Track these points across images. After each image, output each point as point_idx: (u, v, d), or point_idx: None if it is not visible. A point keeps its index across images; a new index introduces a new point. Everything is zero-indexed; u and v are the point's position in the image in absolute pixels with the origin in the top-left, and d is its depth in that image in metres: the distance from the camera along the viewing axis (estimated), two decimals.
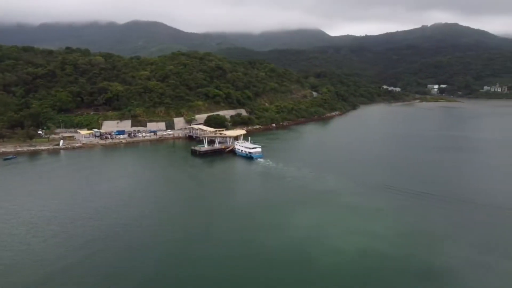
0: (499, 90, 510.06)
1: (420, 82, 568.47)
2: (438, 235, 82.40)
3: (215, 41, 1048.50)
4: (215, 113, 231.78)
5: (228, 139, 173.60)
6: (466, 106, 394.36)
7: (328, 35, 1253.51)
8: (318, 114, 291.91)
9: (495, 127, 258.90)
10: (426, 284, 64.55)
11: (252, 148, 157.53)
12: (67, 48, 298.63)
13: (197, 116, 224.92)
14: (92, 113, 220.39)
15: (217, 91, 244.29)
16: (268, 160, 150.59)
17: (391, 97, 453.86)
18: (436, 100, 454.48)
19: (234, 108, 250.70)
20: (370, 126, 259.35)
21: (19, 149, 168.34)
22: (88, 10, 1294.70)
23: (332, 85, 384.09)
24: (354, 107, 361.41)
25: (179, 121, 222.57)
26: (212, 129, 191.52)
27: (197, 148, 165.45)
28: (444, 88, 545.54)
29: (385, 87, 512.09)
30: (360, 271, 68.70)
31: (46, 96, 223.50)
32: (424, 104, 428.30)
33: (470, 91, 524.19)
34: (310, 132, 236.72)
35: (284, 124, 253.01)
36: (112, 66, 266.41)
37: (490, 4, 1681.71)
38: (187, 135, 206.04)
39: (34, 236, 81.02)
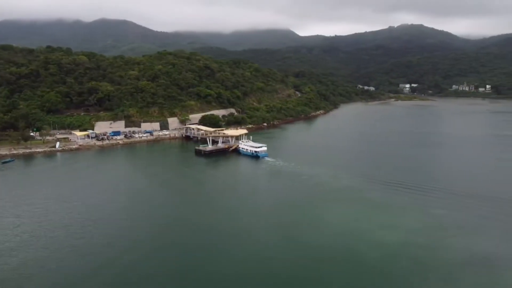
0: (467, 89, 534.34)
1: (392, 81, 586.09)
2: (469, 226, 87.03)
3: (186, 40, 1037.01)
4: (208, 113, 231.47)
5: (230, 138, 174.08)
6: (440, 105, 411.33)
7: (297, 35, 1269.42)
8: (305, 113, 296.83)
9: (477, 123, 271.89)
10: (476, 270, 68.45)
11: (258, 147, 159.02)
12: (48, 46, 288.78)
13: (190, 116, 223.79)
14: (82, 113, 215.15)
15: (208, 90, 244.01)
16: (275, 159, 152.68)
17: (368, 96, 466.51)
18: (410, 99, 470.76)
19: (225, 107, 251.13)
20: (358, 124, 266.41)
21: (14, 152, 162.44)
22: (52, 7, 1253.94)
23: (312, 85, 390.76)
24: (335, 106, 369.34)
25: (173, 121, 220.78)
26: (211, 129, 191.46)
27: (202, 148, 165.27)
28: (415, 87, 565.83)
29: (360, 86, 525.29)
30: (408, 262, 71.80)
31: (32, 97, 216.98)
32: (400, 102, 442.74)
33: (440, 90, 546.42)
34: (302, 131, 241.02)
35: (275, 123, 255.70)
36: (96, 66, 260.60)
37: (452, 7, 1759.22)
38: (183, 135, 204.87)
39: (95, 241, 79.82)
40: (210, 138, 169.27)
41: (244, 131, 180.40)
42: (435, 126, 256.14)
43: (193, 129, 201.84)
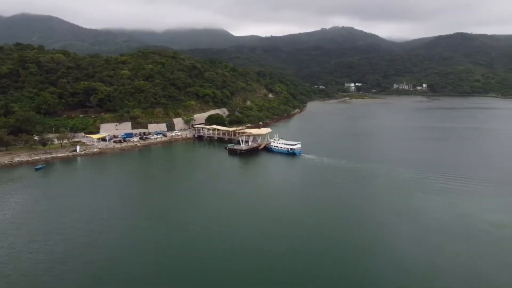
0: (406, 87, 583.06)
1: (338, 81, 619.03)
2: None
3: (119, 38, 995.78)
4: (209, 113, 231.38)
5: (258, 137, 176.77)
6: (393, 102, 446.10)
7: (232, 35, 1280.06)
8: (287, 112, 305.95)
9: (454, 118, 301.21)
10: None
11: (293, 144, 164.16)
12: (18, 44, 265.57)
13: (193, 116, 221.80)
14: (81, 115, 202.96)
15: (206, 90, 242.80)
16: (310, 155, 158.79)
17: (325, 95, 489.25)
18: (362, 97, 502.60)
19: (219, 107, 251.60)
20: (349, 121, 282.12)
21: (36, 158, 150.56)
22: None
23: (279, 84, 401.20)
24: (304, 104, 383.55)
25: (178, 122, 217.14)
26: (230, 129, 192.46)
27: (237, 147, 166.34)
28: (360, 86, 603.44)
29: (316, 86, 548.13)
30: None
31: (20, 98, 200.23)
32: (356, 101, 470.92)
33: (383, 89, 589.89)
34: (302, 127, 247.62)
35: (267, 122, 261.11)
36: (75, 65, 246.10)
37: (378, 12, 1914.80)
38: (195, 136, 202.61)
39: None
40: (244, 138, 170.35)
41: (269, 130, 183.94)
42: (419, 121, 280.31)
43: (208, 129, 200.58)
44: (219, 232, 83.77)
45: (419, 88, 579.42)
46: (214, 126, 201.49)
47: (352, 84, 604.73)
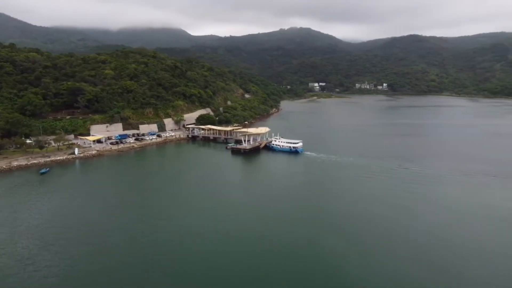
0: (368, 87, 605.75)
1: (302, 80, 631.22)
2: None
3: (72, 37, 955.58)
4: (196, 113, 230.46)
5: (257, 136, 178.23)
6: (360, 101, 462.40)
7: (190, 34, 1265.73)
8: (266, 111, 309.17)
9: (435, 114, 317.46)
10: None
11: (296, 143, 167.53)
12: None
13: (184, 116, 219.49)
14: (68, 117, 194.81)
15: (192, 90, 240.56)
16: (312, 153, 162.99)
17: (294, 95, 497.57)
18: (329, 97, 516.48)
19: (204, 107, 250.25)
20: (333, 119, 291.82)
21: (34, 161, 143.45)
22: None
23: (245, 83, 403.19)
24: (277, 104, 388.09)
25: (168, 122, 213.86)
26: (227, 128, 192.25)
27: (240, 147, 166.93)
28: (324, 86, 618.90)
29: (282, 86, 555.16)
30: None
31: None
32: (324, 100, 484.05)
33: (346, 88, 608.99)
34: (288, 127, 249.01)
35: (252, 121, 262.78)
36: (52, 64, 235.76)
37: (335, 14, 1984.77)
38: (189, 136, 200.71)
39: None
40: (246, 138, 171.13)
41: (267, 129, 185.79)
42: (394, 119, 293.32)
43: (203, 129, 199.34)
44: (244, 235, 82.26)
45: (380, 87, 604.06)
46: (209, 126, 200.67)
47: (316, 84, 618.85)
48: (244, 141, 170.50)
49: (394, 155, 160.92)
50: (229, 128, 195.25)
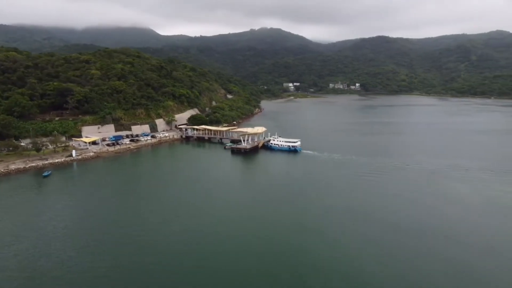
0: (341, 87, 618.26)
1: (276, 80, 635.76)
2: None
3: (37, 36, 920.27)
4: (185, 113, 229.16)
5: (255, 136, 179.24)
6: (336, 100, 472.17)
7: (159, 34, 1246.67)
8: (250, 111, 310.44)
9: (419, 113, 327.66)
10: None
11: (294, 142, 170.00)
12: None
13: (176, 116, 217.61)
14: (57, 118, 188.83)
15: (182, 90, 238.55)
16: (310, 151, 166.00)
17: (272, 95, 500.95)
18: (305, 97, 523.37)
19: (192, 107, 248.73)
20: (314, 118, 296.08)
21: (33, 164, 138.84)
22: None
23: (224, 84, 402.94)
24: (258, 104, 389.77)
25: (160, 123, 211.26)
26: (223, 128, 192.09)
27: (241, 146, 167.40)
28: (298, 86, 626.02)
29: (258, 86, 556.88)
30: None
31: None
32: (301, 99, 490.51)
33: (320, 88, 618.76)
34: (278, 126, 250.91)
35: (239, 121, 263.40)
36: (33, 64, 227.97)
37: (305, 15, 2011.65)
38: (183, 136, 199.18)
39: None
40: (246, 138, 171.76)
41: (264, 128, 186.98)
42: (375, 117, 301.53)
43: (197, 129, 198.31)
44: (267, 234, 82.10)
45: (353, 87, 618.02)
46: (204, 126, 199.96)
47: (291, 84, 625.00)
48: (244, 140, 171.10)
49: (390, 152, 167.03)
50: (225, 128, 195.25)
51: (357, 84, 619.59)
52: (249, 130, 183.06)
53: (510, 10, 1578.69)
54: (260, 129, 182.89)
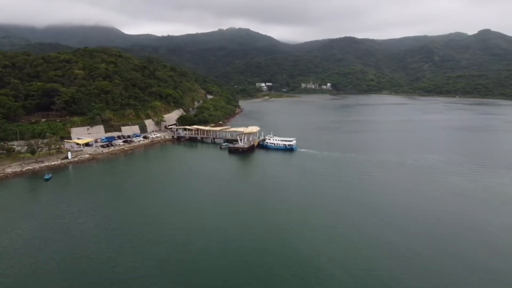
0: (313, 86, 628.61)
1: (249, 80, 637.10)
2: None
3: None
4: (173, 113, 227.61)
5: (250, 135, 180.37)
6: (313, 100, 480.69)
7: (124, 33, 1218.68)
8: (232, 111, 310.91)
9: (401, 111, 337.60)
10: None
11: (290, 140, 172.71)
12: None
13: (165, 117, 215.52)
14: (43, 120, 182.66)
15: (168, 90, 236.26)
16: (305, 149, 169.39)
17: (247, 94, 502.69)
18: (280, 96, 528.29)
19: (177, 107, 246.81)
20: (296, 117, 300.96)
21: (29, 167, 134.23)
22: None
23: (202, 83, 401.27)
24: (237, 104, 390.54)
25: (149, 123, 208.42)
26: (217, 128, 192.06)
27: (238, 146, 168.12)
28: (271, 85, 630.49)
29: (233, 86, 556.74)
30: None
31: None
32: (276, 99, 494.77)
33: (292, 88, 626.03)
34: (265, 125, 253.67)
35: (225, 121, 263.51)
36: (11, 63, 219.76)
37: (272, 15, 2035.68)
38: (174, 137, 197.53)
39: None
40: (243, 137, 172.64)
41: (258, 128, 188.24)
42: (359, 115, 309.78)
43: (190, 129, 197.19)
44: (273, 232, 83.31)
45: (324, 87, 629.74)
46: (196, 126, 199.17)
47: (264, 84, 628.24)
48: (241, 140, 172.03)
49: (384, 149, 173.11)
50: (218, 128, 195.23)
51: (328, 84, 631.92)
52: (244, 129, 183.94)
53: (467, 13, 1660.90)
54: (254, 129, 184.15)
